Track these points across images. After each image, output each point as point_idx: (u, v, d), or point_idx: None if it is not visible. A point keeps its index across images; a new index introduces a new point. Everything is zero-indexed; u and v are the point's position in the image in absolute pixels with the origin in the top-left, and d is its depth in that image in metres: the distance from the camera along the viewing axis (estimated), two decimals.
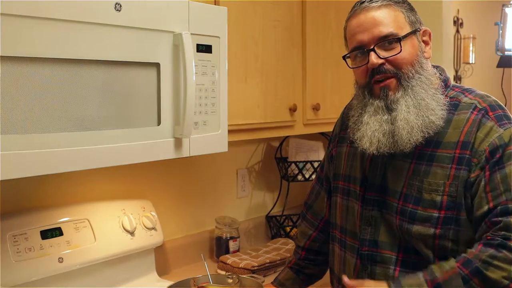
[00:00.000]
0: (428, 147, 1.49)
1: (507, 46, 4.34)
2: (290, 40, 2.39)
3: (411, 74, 1.48)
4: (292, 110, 2.41)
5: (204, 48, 1.76)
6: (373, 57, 1.47)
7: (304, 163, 2.80)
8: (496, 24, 4.39)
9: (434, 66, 1.61)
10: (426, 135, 1.46)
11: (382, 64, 1.48)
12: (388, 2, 1.50)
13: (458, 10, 4.30)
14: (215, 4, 2.02)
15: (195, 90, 1.70)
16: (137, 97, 1.60)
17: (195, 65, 1.69)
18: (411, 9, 1.55)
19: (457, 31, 4.34)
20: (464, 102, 1.52)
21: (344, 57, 1.58)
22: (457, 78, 4.34)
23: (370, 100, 1.52)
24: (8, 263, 1.73)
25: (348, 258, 1.62)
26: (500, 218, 1.39)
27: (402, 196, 1.50)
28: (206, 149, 1.82)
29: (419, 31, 1.54)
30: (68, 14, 1.41)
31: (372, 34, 1.48)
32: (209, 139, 1.81)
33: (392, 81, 1.49)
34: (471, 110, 1.50)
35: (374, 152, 1.50)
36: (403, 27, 1.50)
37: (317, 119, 2.55)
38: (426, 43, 1.56)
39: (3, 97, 1.31)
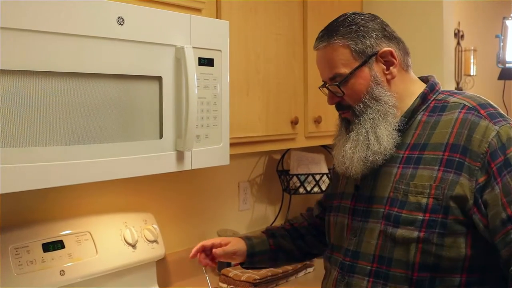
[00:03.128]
0: (415, 150, 1.47)
1: (507, 59, 4.34)
2: (291, 53, 2.41)
3: (359, 109, 1.51)
4: (294, 123, 2.41)
5: (206, 62, 1.77)
6: (328, 98, 1.58)
7: (306, 175, 2.80)
8: (497, 36, 4.40)
9: (424, 77, 1.60)
10: (368, 165, 1.49)
11: (338, 100, 1.56)
12: (332, 40, 1.52)
13: (459, 23, 4.31)
14: (217, 18, 2.03)
15: (197, 103, 1.71)
16: (139, 110, 1.61)
17: (197, 79, 1.70)
18: (360, 35, 1.51)
19: (458, 43, 4.35)
20: (452, 102, 1.49)
21: (320, 88, 1.63)
22: (458, 89, 4.35)
23: (341, 126, 1.61)
24: (10, 276, 1.73)
25: (332, 272, 1.59)
26: None
27: (388, 201, 1.47)
28: (208, 162, 1.82)
29: (373, 56, 1.50)
30: (71, 28, 1.42)
31: (324, 75, 1.57)
32: (211, 152, 1.81)
33: (349, 114, 1.56)
34: (459, 109, 1.46)
35: (341, 173, 1.59)
36: (349, 63, 1.51)
37: (318, 132, 2.56)
38: (389, 63, 1.52)
39: (4, 111, 1.31)
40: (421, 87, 1.55)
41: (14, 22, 1.31)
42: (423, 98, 1.52)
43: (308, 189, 2.80)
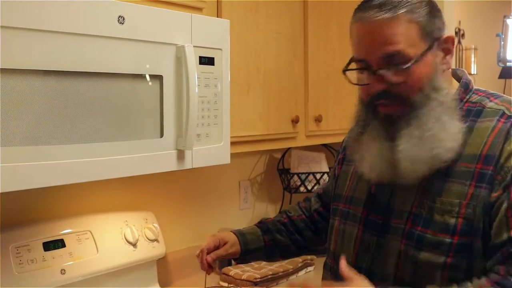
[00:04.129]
0: None
1: (508, 57, 4.34)
2: (292, 52, 2.40)
3: (419, 101, 1.27)
4: (295, 121, 2.41)
5: (206, 61, 1.77)
6: (376, 82, 1.29)
7: (307, 174, 2.80)
8: (497, 35, 4.40)
9: (454, 70, 1.43)
10: (434, 168, 1.26)
11: (387, 88, 1.28)
12: (401, 12, 1.24)
13: (460, 21, 4.31)
14: (217, 17, 2.03)
15: (198, 102, 1.71)
16: (140, 109, 1.61)
17: (197, 77, 1.70)
18: (432, 14, 1.28)
19: (459, 42, 4.35)
20: (489, 108, 1.31)
21: (344, 71, 1.35)
22: None
23: (373, 121, 1.34)
24: (11, 274, 1.73)
25: None
26: None
27: (410, 217, 1.29)
28: (208, 161, 1.82)
29: (437, 40, 1.29)
30: (71, 26, 1.42)
31: (376, 53, 1.27)
32: (212, 151, 1.81)
33: (398, 108, 1.29)
34: (497, 117, 1.28)
35: (375, 179, 1.34)
36: (416, 43, 1.26)
37: (319, 131, 2.56)
38: (447, 51, 1.32)
39: (4, 109, 1.31)
40: (454, 85, 1.39)
41: (15, 21, 1.30)
42: (458, 99, 1.34)
43: (309, 188, 2.80)
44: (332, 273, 1.49)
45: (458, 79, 1.41)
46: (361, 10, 1.30)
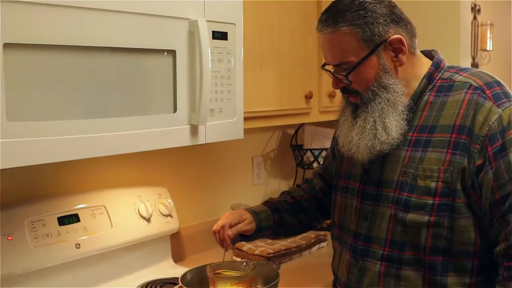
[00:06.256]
0: (423, 133, 1.46)
1: None
2: (305, 27, 2.38)
3: (367, 97, 1.47)
4: (308, 97, 2.40)
5: (219, 35, 1.76)
6: (332, 82, 1.54)
7: (320, 150, 2.79)
8: None
9: (428, 52, 1.57)
10: (375, 153, 1.48)
11: (344, 86, 1.52)
12: (339, 27, 1.43)
13: None
14: None
15: (211, 77, 1.70)
16: (153, 84, 1.61)
17: (210, 52, 1.69)
18: (368, 22, 1.42)
19: (475, 17, 4.28)
20: (458, 81, 1.47)
21: (322, 67, 1.60)
22: (474, 65, 4.28)
23: (347, 106, 1.57)
24: (26, 249, 1.75)
25: (343, 255, 1.61)
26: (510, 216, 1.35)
27: (398, 185, 1.47)
28: (222, 136, 1.82)
29: (382, 44, 1.44)
30: (84, 1, 1.41)
31: (330, 61, 1.51)
32: (225, 126, 1.81)
33: (356, 98, 1.52)
34: (465, 89, 1.44)
35: (345, 154, 1.56)
36: (357, 50, 1.44)
37: (333, 106, 2.54)
38: (398, 50, 1.46)
39: (20, 85, 1.31)
40: (426, 66, 1.52)
41: None
42: (429, 78, 1.50)
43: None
44: (338, 240, 1.66)
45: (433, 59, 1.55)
46: (318, 22, 1.50)
